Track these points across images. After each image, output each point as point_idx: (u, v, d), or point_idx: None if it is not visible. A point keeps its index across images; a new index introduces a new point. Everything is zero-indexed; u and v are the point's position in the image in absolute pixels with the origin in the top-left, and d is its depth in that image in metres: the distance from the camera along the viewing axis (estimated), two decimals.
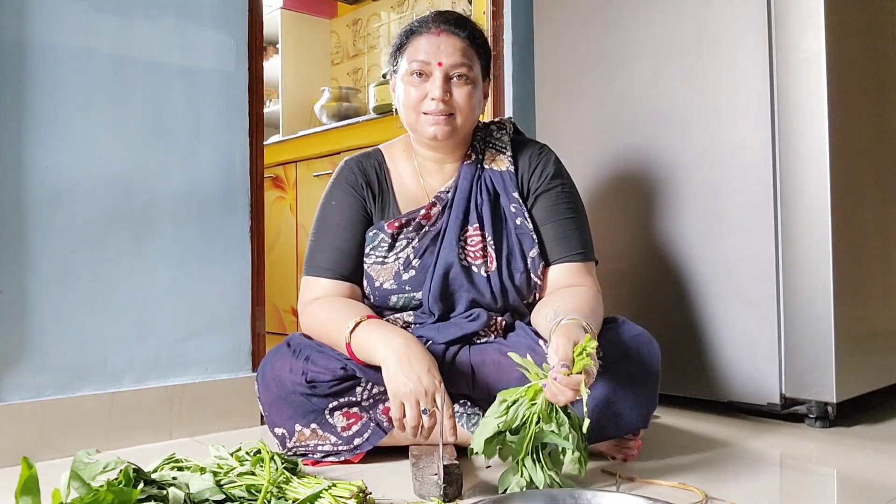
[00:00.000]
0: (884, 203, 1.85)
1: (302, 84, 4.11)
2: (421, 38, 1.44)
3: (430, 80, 1.42)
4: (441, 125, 1.43)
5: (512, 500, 1.05)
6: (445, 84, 1.42)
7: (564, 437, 1.14)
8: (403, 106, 1.47)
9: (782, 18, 1.70)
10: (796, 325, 1.68)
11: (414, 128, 1.48)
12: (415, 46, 1.44)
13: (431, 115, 1.42)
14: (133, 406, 1.60)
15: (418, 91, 1.43)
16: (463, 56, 1.42)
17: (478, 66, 1.47)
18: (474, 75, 1.45)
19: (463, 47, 1.43)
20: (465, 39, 1.44)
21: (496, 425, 1.15)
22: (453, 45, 1.42)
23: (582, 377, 1.10)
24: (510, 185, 1.50)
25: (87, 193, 1.57)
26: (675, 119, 1.87)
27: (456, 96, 1.43)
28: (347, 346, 1.33)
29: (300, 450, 1.39)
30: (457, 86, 1.43)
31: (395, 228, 1.47)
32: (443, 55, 1.41)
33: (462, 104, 1.43)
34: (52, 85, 1.53)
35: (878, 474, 1.33)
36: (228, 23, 1.78)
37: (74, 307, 1.54)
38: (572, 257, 1.46)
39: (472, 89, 1.44)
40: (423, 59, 1.42)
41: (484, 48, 1.49)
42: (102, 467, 0.98)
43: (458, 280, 1.44)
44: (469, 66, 1.43)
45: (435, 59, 1.41)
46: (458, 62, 1.42)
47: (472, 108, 1.45)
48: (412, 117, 1.46)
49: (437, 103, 1.41)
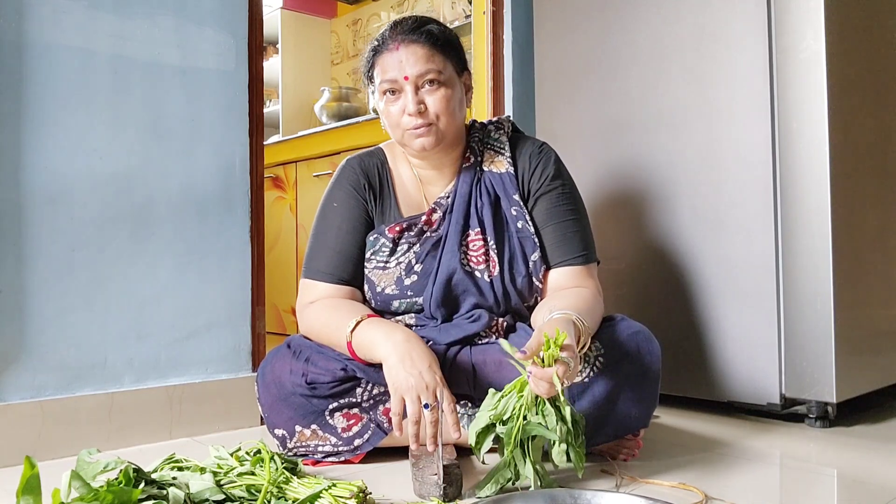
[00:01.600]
0: (884, 203, 1.85)
1: (302, 84, 4.11)
2: (383, 55, 1.42)
3: (403, 95, 1.40)
4: (425, 136, 1.41)
5: (512, 500, 1.05)
6: (416, 95, 1.39)
7: (551, 429, 1.14)
8: (388, 126, 1.47)
9: (782, 18, 1.70)
10: (796, 325, 1.68)
11: (402, 143, 1.47)
12: (381, 66, 1.43)
13: (413, 130, 1.41)
14: (133, 406, 1.60)
15: (395, 108, 1.42)
16: (427, 62, 1.39)
17: (448, 64, 1.43)
18: (446, 76, 1.41)
19: (425, 53, 1.40)
20: (426, 44, 1.40)
21: (487, 417, 1.16)
22: (414, 53, 1.39)
23: (553, 369, 1.10)
24: (510, 188, 1.50)
25: (87, 193, 1.57)
26: (675, 119, 1.87)
27: (430, 105, 1.40)
28: (349, 345, 1.33)
29: (300, 450, 1.39)
30: (429, 93, 1.40)
31: (396, 233, 1.46)
32: (406, 67, 1.39)
33: (439, 110, 1.40)
34: (52, 85, 1.53)
35: (878, 474, 1.33)
36: (228, 23, 1.78)
37: (74, 307, 1.54)
38: (573, 261, 1.46)
39: (446, 91, 1.41)
40: (390, 77, 1.40)
41: (449, 44, 1.44)
42: (103, 467, 0.98)
43: (461, 285, 1.44)
44: (436, 69, 1.39)
45: (400, 73, 1.39)
46: (424, 70, 1.39)
47: (451, 111, 1.42)
48: (398, 134, 1.45)
49: (413, 118, 1.39)
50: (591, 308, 1.35)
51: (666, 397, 1.86)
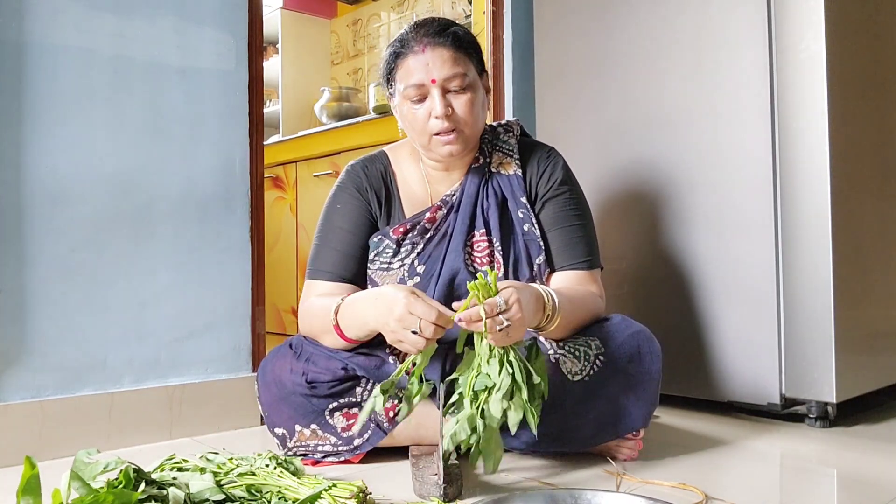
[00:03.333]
0: (884, 203, 1.85)
1: (302, 84, 4.11)
2: (408, 59, 1.40)
3: (430, 99, 1.39)
4: (453, 143, 1.41)
5: (512, 500, 1.05)
6: (444, 98, 1.38)
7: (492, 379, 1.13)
8: (411, 130, 1.45)
9: (782, 18, 1.70)
10: (796, 325, 1.68)
11: (427, 149, 1.46)
12: (405, 69, 1.41)
13: (442, 136, 1.40)
14: (133, 406, 1.60)
15: (422, 112, 1.40)
16: (454, 65, 1.39)
17: (471, 66, 1.43)
18: (470, 79, 1.41)
19: (451, 56, 1.39)
20: (451, 46, 1.39)
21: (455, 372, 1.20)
22: (441, 56, 1.38)
23: (478, 308, 1.12)
24: (518, 190, 1.50)
25: (87, 193, 1.57)
26: (674, 119, 1.87)
27: (457, 109, 1.39)
28: (336, 327, 1.33)
29: (300, 450, 1.39)
30: (455, 97, 1.40)
31: (399, 234, 1.46)
32: (434, 71, 1.38)
33: (465, 115, 1.40)
34: (52, 85, 1.53)
35: (878, 474, 1.33)
36: (228, 23, 1.78)
37: (74, 307, 1.54)
38: (576, 265, 1.46)
39: (471, 95, 1.41)
40: (416, 81, 1.39)
41: (472, 46, 1.44)
42: (103, 467, 0.98)
43: (463, 286, 1.43)
44: (462, 73, 1.39)
45: (427, 77, 1.38)
46: (451, 73, 1.38)
47: (475, 115, 1.42)
48: (424, 140, 1.43)
49: (441, 121, 1.38)
50: (578, 298, 1.36)
51: (666, 397, 1.85)
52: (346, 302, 1.34)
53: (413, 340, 1.19)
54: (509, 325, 1.13)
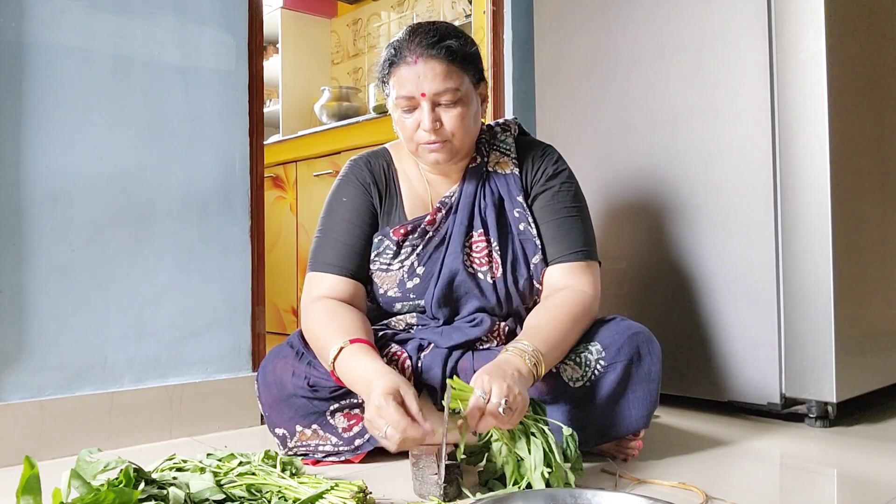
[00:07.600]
0: (884, 203, 1.85)
1: (302, 84, 4.11)
2: (400, 68, 1.38)
3: (419, 111, 1.38)
4: (439, 152, 1.40)
5: (512, 499, 1.05)
6: (433, 112, 1.37)
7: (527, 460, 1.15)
8: (402, 136, 1.45)
9: (782, 18, 1.70)
10: (796, 325, 1.68)
11: (416, 155, 1.46)
12: (397, 78, 1.39)
13: (429, 145, 1.39)
14: (133, 406, 1.60)
15: (411, 122, 1.40)
16: (445, 79, 1.35)
17: (466, 79, 1.39)
18: (462, 93, 1.38)
19: (444, 70, 1.35)
20: (444, 60, 1.36)
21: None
22: (432, 70, 1.35)
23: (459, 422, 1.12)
24: (515, 189, 1.49)
25: (87, 193, 1.57)
26: (674, 118, 1.87)
27: (447, 122, 1.38)
28: (332, 373, 1.30)
29: (301, 450, 1.39)
30: (445, 111, 1.38)
31: (400, 235, 1.46)
32: (424, 84, 1.35)
33: (454, 128, 1.39)
34: (52, 84, 1.53)
35: (878, 474, 1.33)
36: (228, 22, 1.78)
37: (74, 307, 1.54)
38: (567, 257, 1.44)
39: (462, 109, 1.38)
40: (406, 93, 1.37)
41: (467, 58, 1.40)
42: (103, 467, 0.98)
43: (463, 286, 1.44)
44: (454, 87, 1.36)
45: (417, 90, 1.36)
46: (442, 88, 1.35)
47: (465, 128, 1.40)
48: (412, 147, 1.44)
49: (429, 134, 1.38)
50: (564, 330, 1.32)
51: (666, 397, 1.85)
52: (344, 355, 1.27)
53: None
54: (514, 410, 1.12)
